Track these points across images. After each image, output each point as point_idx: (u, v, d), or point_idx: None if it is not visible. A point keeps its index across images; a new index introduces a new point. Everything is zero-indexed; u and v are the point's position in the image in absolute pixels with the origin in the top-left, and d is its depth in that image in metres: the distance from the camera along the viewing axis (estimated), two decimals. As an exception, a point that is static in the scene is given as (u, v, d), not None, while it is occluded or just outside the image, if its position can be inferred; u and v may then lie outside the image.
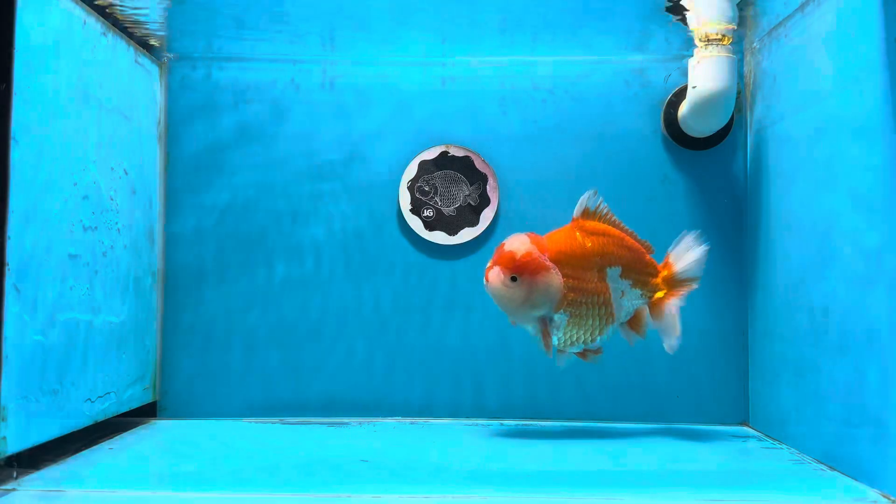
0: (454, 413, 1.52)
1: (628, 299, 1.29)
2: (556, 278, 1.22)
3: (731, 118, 1.49)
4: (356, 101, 1.56)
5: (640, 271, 1.30)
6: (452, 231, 1.53)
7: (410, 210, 1.52)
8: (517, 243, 1.22)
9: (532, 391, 1.52)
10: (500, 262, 1.21)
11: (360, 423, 1.48)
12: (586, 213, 1.28)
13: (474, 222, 1.53)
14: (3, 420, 1.01)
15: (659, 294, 1.32)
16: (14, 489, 1.01)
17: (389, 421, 1.50)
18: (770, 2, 1.32)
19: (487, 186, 1.53)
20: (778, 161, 1.38)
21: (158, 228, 1.53)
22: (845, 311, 1.12)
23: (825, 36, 1.20)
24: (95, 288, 1.27)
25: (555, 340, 1.26)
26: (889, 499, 1.00)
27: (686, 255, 1.31)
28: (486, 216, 1.53)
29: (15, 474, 1.05)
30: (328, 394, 1.53)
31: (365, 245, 1.54)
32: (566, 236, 1.26)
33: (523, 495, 1.01)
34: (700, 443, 1.35)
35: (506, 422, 1.50)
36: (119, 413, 1.37)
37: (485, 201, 1.53)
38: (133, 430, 1.41)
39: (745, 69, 1.52)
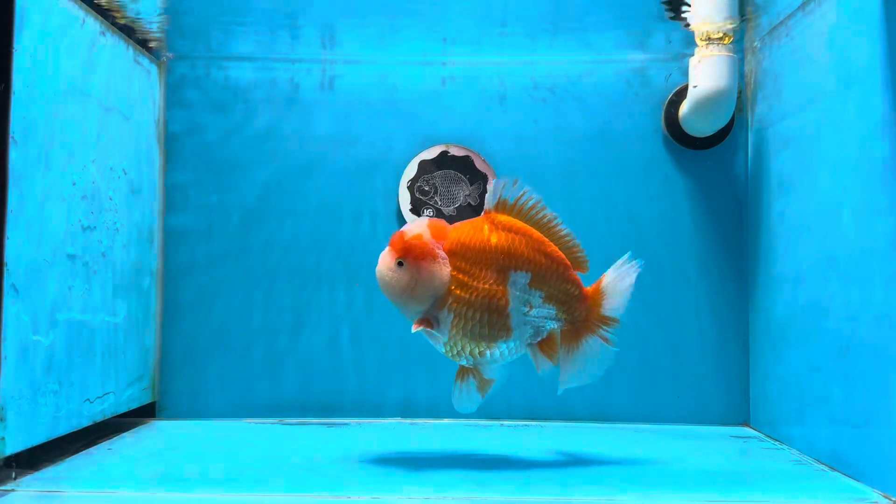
0: (454, 413, 1.52)
1: (539, 316, 1.10)
2: (443, 269, 1.07)
3: (732, 118, 1.48)
4: (356, 101, 1.55)
5: (557, 286, 1.10)
6: (452, 231, 1.52)
7: (410, 210, 1.52)
8: (413, 226, 1.09)
9: (532, 391, 1.51)
10: (391, 244, 1.08)
11: (359, 424, 1.47)
12: (502, 206, 1.10)
13: (474, 222, 1.52)
14: (1, 420, 1.01)
15: (577, 321, 1.11)
16: (13, 489, 1.00)
17: (389, 421, 1.50)
18: (771, 1, 1.32)
19: (487, 186, 1.52)
20: (779, 161, 1.38)
21: (157, 228, 1.53)
22: (845, 311, 1.12)
23: (826, 35, 1.20)
24: (94, 288, 1.27)
25: (440, 347, 1.11)
26: (890, 499, 0.99)
27: (619, 285, 1.12)
28: (487, 216, 1.52)
29: (14, 475, 1.04)
30: (328, 394, 1.52)
31: (365, 245, 1.53)
32: (471, 227, 1.09)
33: (523, 495, 1.01)
34: (701, 443, 1.35)
35: (506, 422, 1.50)
36: (118, 413, 1.37)
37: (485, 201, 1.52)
38: (132, 430, 1.40)
39: (746, 68, 1.52)
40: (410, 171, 1.53)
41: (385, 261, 1.08)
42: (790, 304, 1.31)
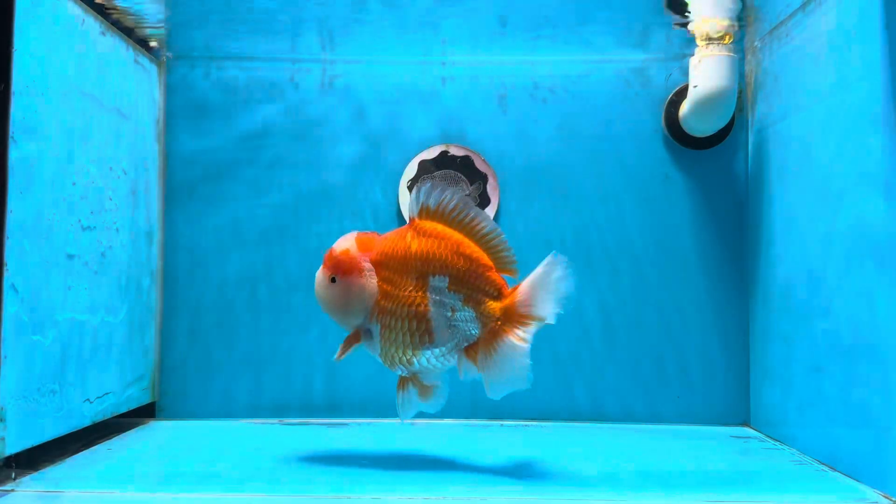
0: (454, 413, 1.52)
1: (463, 319, 1.07)
2: (369, 282, 1.08)
3: (733, 117, 1.48)
4: (356, 101, 1.55)
5: (476, 287, 1.07)
6: (452, 231, 1.52)
7: (410, 210, 1.52)
8: (342, 241, 1.11)
9: (532, 391, 1.50)
10: (323, 261, 1.11)
11: (359, 424, 1.47)
12: (425, 212, 1.08)
13: (474, 222, 1.52)
14: (1, 420, 1.01)
15: (493, 323, 1.07)
16: (13, 490, 1.00)
17: (389, 421, 1.50)
18: (771, 1, 1.32)
19: (487, 186, 1.53)
20: (779, 160, 1.38)
21: (157, 228, 1.53)
22: (846, 312, 1.12)
23: (826, 35, 1.20)
24: (94, 288, 1.27)
25: (379, 357, 1.11)
26: (890, 499, 0.99)
27: (543, 282, 1.06)
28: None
29: (14, 475, 1.04)
30: (328, 394, 1.52)
31: (365, 245, 1.53)
32: (396, 236, 1.10)
33: (524, 495, 1.01)
34: (701, 443, 1.35)
35: (506, 422, 1.50)
36: (118, 413, 1.37)
37: (485, 201, 1.52)
38: (132, 430, 1.40)
39: (747, 68, 1.51)
40: (410, 171, 1.53)
41: (319, 278, 1.11)
42: (790, 303, 1.31)
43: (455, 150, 1.53)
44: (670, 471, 1.17)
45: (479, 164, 1.53)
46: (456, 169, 1.53)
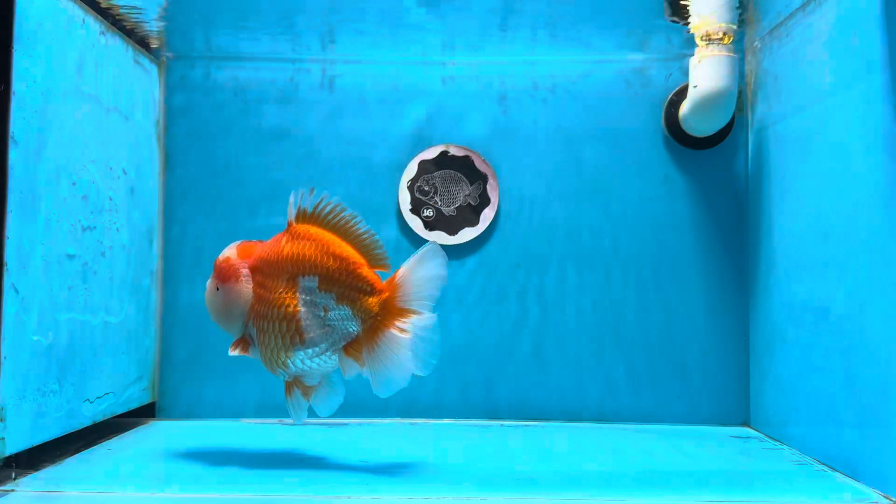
0: (454, 413, 1.52)
1: (339, 318, 1.07)
2: (244, 287, 1.11)
3: (733, 118, 1.48)
4: (356, 101, 1.55)
5: (348, 285, 1.06)
6: (452, 231, 1.52)
7: (410, 210, 1.52)
8: (226, 250, 1.14)
9: (532, 392, 1.51)
10: (213, 270, 1.14)
11: (359, 424, 1.47)
12: (302, 216, 1.10)
13: (474, 222, 1.52)
14: (1, 420, 1.01)
15: (372, 318, 1.06)
16: (13, 490, 1.00)
17: (389, 421, 1.50)
18: (771, 1, 1.32)
19: (487, 186, 1.53)
20: (779, 161, 1.38)
21: (157, 228, 1.53)
22: (845, 311, 1.12)
23: (826, 35, 1.20)
24: (94, 288, 1.27)
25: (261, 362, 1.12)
26: (890, 499, 0.99)
27: (416, 272, 1.06)
28: (487, 216, 1.52)
29: (14, 475, 1.04)
30: (328, 394, 1.52)
31: (365, 245, 1.53)
32: (273, 242, 1.11)
33: (523, 495, 1.01)
34: (701, 443, 1.35)
35: (506, 422, 1.50)
36: (118, 413, 1.37)
37: (485, 201, 1.52)
38: (132, 430, 1.40)
39: (747, 68, 1.51)
40: (410, 171, 1.53)
41: (208, 287, 1.15)
42: (790, 303, 1.31)
43: (455, 150, 1.53)
44: (670, 471, 1.17)
45: (479, 164, 1.53)
46: (456, 169, 1.53)
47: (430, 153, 1.53)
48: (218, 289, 1.12)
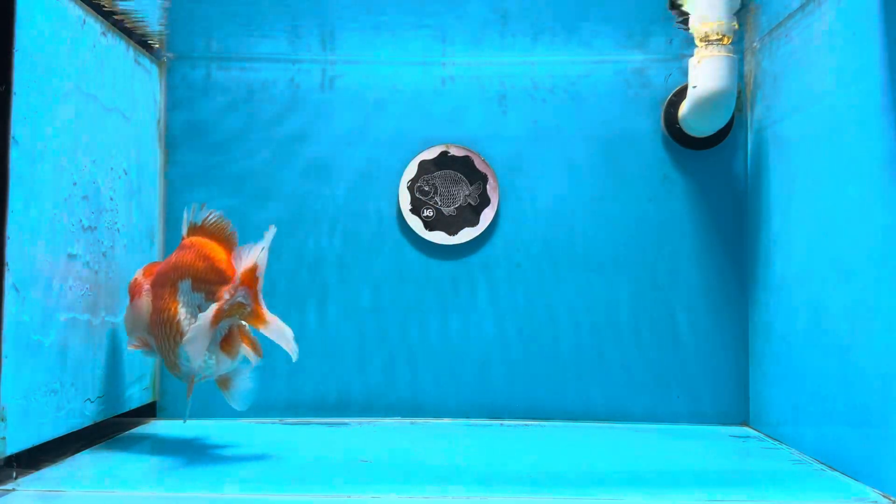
0: (454, 413, 1.52)
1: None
2: (145, 301, 1.21)
3: (732, 118, 1.48)
4: (356, 101, 1.55)
5: (212, 281, 1.14)
6: (452, 231, 1.53)
7: (410, 210, 1.52)
8: (137, 271, 1.27)
9: (532, 391, 1.52)
10: None
11: (359, 423, 1.47)
12: (192, 229, 1.19)
13: (474, 222, 1.53)
14: (2, 420, 1.01)
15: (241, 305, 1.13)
16: (14, 489, 1.00)
17: (389, 421, 1.50)
18: (770, 1, 1.32)
19: (487, 186, 1.53)
20: (778, 161, 1.38)
21: (157, 228, 1.53)
22: (845, 312, 1.12)
23: (825, 35, 1.20)
24: (95, 288, 1.27)
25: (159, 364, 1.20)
26: (889, 499, 1.00)
27: (243, 251, 1.14)
28: (486, 216, 1.52)
29: (14, 474, 1.04)
30: (328, 394, 1.52)
31: (365, 245, 1.54)
32: (170, 257, 1.21)
33: (523, 495, 1.01)
34: (700, 443, 1.35)
35: (506, 422, 1.50)
36: (119, 413, 1.37)
37: (485, 201, 1.53)
38: (133, 430, 1.40)
39: (746, 69, 1.52)
40: (410, 171, 1.53)
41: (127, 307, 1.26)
42: (790, 303, 1.32)
43: (455, 151, 1.54)
44: (669, 470, 1.17)
45: (478, 165, 1.53)
46: (456, 169, 1.53)
47: (430, 153, 1.54)
48: (128, 306, 1.24)
